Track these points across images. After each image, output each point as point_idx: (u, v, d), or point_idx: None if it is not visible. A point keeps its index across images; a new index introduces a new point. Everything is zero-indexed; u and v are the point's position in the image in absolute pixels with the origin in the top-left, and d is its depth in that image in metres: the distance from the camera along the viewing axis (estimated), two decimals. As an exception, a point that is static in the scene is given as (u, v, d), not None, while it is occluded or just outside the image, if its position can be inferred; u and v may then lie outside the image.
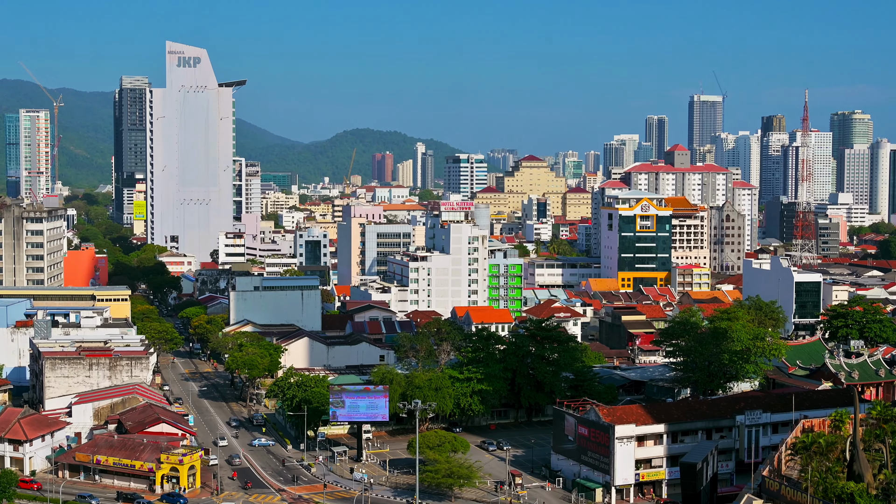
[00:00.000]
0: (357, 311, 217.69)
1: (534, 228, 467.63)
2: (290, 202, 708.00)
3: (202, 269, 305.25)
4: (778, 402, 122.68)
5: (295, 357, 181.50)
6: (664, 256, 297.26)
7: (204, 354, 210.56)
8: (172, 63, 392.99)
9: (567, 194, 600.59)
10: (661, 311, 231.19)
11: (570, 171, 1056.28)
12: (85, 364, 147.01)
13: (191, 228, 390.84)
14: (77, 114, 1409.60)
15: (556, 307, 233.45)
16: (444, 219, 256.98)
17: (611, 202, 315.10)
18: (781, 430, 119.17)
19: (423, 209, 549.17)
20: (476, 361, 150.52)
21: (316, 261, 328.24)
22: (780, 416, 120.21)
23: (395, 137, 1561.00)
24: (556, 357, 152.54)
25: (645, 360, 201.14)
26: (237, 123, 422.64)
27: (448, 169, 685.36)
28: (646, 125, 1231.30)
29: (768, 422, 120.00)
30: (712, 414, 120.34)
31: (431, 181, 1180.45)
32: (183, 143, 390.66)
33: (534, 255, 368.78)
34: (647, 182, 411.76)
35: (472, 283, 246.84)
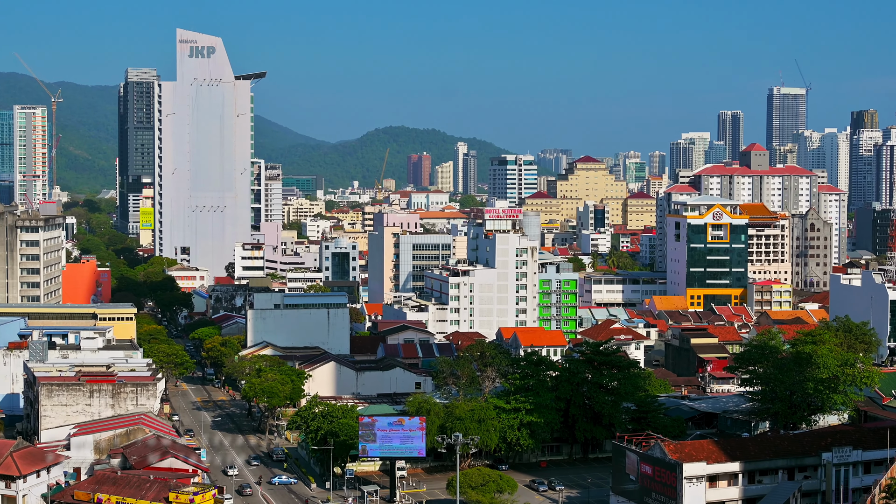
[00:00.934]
0: (390, 332, 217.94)
1: (590, 239, 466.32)
2: (315, 209, 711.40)
3: (216, 284, 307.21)
4: (870, 438, 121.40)
5: (320, 384, 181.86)
6: (739, 271, 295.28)
7: (218, 381, 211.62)
8: (184, 53, 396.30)
9: (628, 200, 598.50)
10: (736, 333, 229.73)
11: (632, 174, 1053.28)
12: (85, 391, 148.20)
13: (204, 239, 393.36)
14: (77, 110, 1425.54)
15: (616, 328, 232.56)
16: (489, 228, 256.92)
17: (678, 209, 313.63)
18: (874, 469, 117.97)
19: (465, 217, 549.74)
20: (525, 390, 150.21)
21: (344, 275, 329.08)
22: (873, 454, 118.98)
23: (433, 136, 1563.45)
24: (616, 385, 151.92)
25: (717, 388, 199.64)
26: (256, 121, 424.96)
27: (493, 172, 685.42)
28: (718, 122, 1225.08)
29: (859, 460, 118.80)
30: (795, 451, 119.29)
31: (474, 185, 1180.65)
32: (195, 142, 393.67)
33: (590, 270, 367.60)
34: (720, 186, 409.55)
35: (520, 300, 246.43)
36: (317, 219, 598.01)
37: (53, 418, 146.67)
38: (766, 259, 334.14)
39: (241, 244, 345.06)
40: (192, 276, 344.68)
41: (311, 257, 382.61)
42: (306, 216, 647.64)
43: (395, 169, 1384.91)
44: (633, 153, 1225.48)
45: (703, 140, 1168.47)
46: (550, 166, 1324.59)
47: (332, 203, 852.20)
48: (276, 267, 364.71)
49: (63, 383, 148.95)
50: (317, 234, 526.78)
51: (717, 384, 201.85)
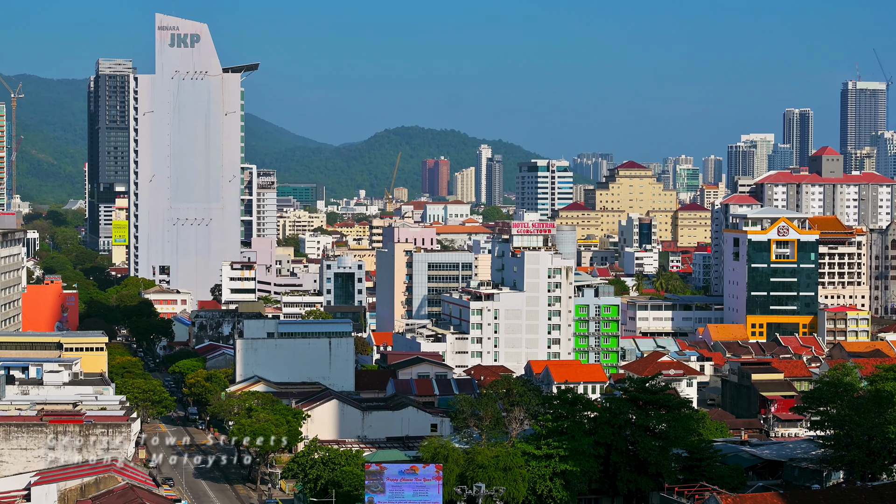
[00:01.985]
0: (402, 365, 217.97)
1: (634, 257, 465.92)
2: (316, 222, 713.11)
3: (200, 309, 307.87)
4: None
5: (320, 426, 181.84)
6: (808, 295, 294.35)
7: (202, 421, 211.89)
8: (164, 42, 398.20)
9: (679, 212, 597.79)
10: (805, 367, 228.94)
11: (684, 183, 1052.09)
12: (48, 433, 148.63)
13: (186, 257, 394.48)
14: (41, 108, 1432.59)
15: (665, 362, 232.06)
16: (517, 245, 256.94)
17: (737, 223, 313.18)
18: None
19: (489, 232, 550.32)
20: (558, 433, 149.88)
21: (348, 299, 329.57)
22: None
23: (452, 138, 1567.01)
24: (665, 428, 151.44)
25: (783, 432, 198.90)
26: (247, 120, 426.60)
27: (521, 179, 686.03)
28: (784, 121, 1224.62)
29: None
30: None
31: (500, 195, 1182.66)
32: (177, 145, 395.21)
33: (634, 294, 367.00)
34: (786, 197, 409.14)
35: (552, 329, 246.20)
36: (317, 233, 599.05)
37: (12, 464, 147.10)
38: (841, 281, 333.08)
39: (229, 263, 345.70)
40: (172, 300, 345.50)
41: (311, 278, 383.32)
42: (305, 230, 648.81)
43: (407, 176, 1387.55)
44: (685, 158, 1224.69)
45: (766, 143, 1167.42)
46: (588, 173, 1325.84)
47: (334, 215, 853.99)
48: (269, 289, 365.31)
49: (23, 424, 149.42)
50: (317, 252, 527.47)
51: (783, 427, 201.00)
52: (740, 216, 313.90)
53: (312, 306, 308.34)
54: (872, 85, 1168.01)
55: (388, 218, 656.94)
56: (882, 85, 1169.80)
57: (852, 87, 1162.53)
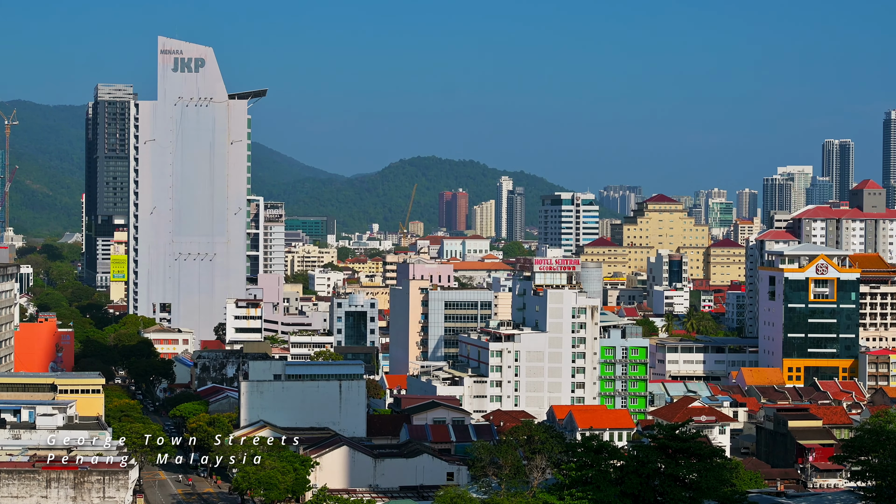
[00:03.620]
0: (416, 410, 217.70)
1: (664, 297, 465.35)
2: (326, 258, 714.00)
3: (203, 349, 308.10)
4: None
5: (330, 474, 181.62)
6: (849, 337, 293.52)
7: (204, 468, 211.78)
8: (166, 66, 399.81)
9: (711, 249, 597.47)
10: (845, 414, 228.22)
11: (716, 217, 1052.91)
12: (41, 480, 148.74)
13: (188, 294, 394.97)
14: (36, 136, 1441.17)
15: (696, 407, 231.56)
16: (539, 283, 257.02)
17: (773, 260, 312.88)
18: None
19: (510, 269, 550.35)
20: (582, 483, 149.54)
21: (360, 340, 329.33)
22: None
23: (471, 169, 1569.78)
24: (696, 478, 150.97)
25: (821, 483, 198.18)
26: (254, 149, 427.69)
27: (544, 213, 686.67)
28: (823, 153, 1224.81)
29: None
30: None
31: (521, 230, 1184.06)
32: (179, 175, 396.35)
33: (664, 335, 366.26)
34: (825, 232, 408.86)
35: (577, 372, 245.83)
36: (327, 270, 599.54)
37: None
38: (883, 323, 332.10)
39: (233, 301, 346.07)
40: (173, 340, 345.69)
41: (320, 317, 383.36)
42: (314, 266, 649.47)
43: (423, 209, 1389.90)
44: (718, 191, 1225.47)
45: (803, 175, 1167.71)
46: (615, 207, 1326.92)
47: (345, 251, 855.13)
48: (276, 329, 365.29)
49: (14, 470, 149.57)
50: (327, 289, 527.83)
51: (822, 477, 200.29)
52: (776, 253, 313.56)
53: (322, 347, 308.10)
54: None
55: (403, 253, 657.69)
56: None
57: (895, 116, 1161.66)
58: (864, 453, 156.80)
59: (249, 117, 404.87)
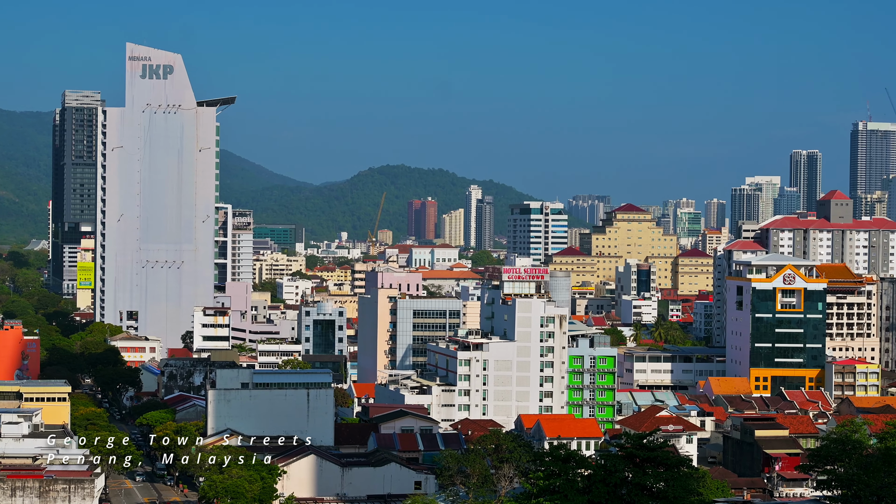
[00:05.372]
0: (384, 418, 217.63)
1: (632, 306, 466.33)
2: (294, 266, 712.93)
3: (170, 357, 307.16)
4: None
5: (297, 482, 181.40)
6: (815, 347, 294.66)
7: (171, 477, 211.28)
8: (134, 73, 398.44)
9: (679, 258, 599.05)
10: (811, 424, 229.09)
11: (685, 227, 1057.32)
12: (6, 488, 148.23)
13: (155, 302, 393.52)
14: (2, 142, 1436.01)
15: (663, 417, 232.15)
16: (507, 292, 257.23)
17: (741, 270, 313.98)
18: None
19: (478, 278, 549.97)
20: (550, 492, 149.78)
21: (328, 348, 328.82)
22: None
23: (440, 178, 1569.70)
24: (663, 487, 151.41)
25: (788, 492, 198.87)
26: (223, 157, 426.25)
27: (513, 222, 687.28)
28: (790, 164, 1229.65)
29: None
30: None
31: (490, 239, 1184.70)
32: (147, 182, 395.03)
33: (632, 344, 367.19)
34: (793, 243, 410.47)
35: (545, 381, 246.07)
36: (295, 278, 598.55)
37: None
38: (849, 333, 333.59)
39: (201, 309, 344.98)
40: (140, 348, 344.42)
41: (288, 325, 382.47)
42: (283, 275, 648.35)
43: (392, 217, 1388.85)
44: (686, 201, 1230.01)
45: (771, 186, 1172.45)
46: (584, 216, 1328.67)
47: (314, 259, 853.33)
48: (244, 337, 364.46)
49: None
50: (295, 298, 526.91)
51: (788, 486, 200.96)
52: (744, 263, 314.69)
53: (290, 355, 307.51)
54: (884, 126, 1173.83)
55: (372, 262, 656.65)
56: (894, 126, 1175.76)
57: (863, 127, 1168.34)
58: (829, 462, 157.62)
59: (218, 124, 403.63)
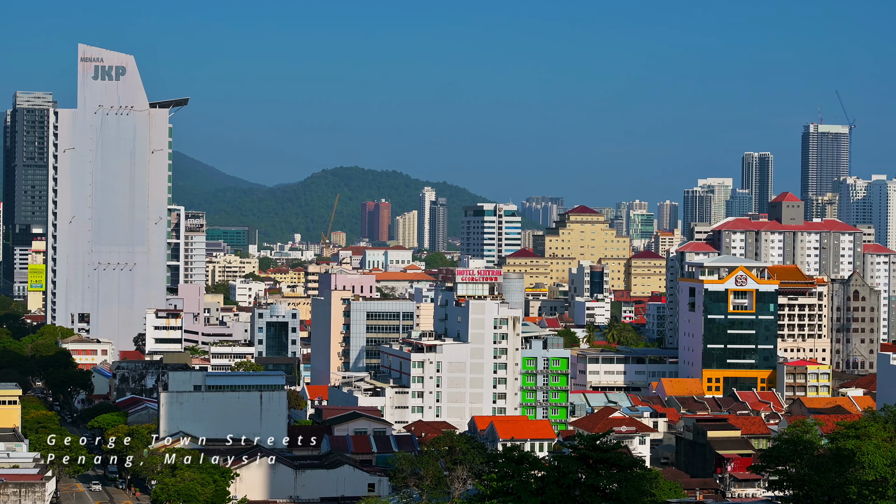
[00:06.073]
0: (338, 420, 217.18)
1: (585, 307, 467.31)
2: (247, 268, 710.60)
3: (122, 360, 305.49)
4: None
5: (250, 485, 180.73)
6: (767, 349, 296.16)
7: (122, 480, 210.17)
8: (87, 74, 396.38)
9: (632, 260, 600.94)
10: (763, 424, 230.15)
11: (637, 229, 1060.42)
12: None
13: (107, 304, 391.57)
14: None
15: (616, 418, 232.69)
16: (461, 293, 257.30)
17: (693, 272, 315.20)
18: None
19: (432, 280, 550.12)
20: (503, 493, 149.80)
21: (281, 350, 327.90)
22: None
23: (393, 180, 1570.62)
24: (616, 489, 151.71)
25: (740, 492, 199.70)
26: (175, 158, 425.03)
27: (467, 224, 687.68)
28: (742, 165, 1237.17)
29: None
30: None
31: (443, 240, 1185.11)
32: (99, 184, 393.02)
33: (585, 346, 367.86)
34: (744, 244, 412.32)
35: (498, 383, 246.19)
36: (248, 280, 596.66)
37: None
38: (801, 334, 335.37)
39: (153, 311, 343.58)
40: (92, 350, 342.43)
41: (241, 328, 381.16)
42: (235, 276, 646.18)
43: (346, 219, 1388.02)
44: (639, 203, 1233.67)
45: (723, 188, 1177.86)
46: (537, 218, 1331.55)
47: (267, 261, 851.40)
48: (197, 339, 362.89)
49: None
50: (248, 300, 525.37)
51: (740, 487, 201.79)
52: (696, 265, 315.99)
53: (243, 357, 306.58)
54: (835, 128, 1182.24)
55: (325, 264, 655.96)
56: (845, 128, 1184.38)
57: (814, 130, 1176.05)
58: (781, 463, 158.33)
59: (171, 126, 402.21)
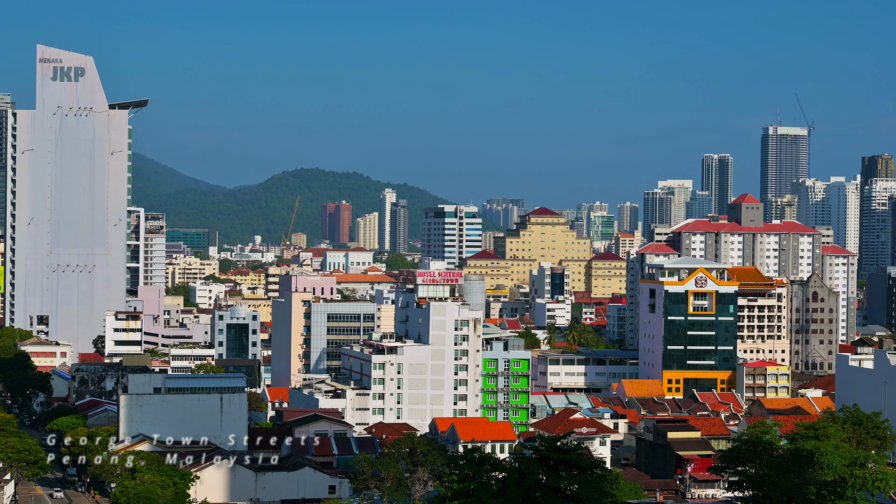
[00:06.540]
0: (298, 423, 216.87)
1: (546, 309, 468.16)
2: (207, 270, 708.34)
3: (82, 362, 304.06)
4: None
5: (210, 488, 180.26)
6: (727, 350, 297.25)
7: (81, 483, 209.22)
8: (45, 75, 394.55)
9: (593, 262, 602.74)
10: (723, 425, 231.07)
11: (598, 230, 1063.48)
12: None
13: (67, 306, 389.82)
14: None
15: (577, 419, 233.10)
16: (422, 295, 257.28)
17: (653, 273, 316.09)
18: None
19: (393, 281, 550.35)
20: (464, 495, 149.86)
21: (241, 352, 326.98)
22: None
23: (354, 181, 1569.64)
24: (577, 490, 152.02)
25: (700, 493, 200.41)
26: (135, 160, 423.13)
27: (427, 225, 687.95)
28: (702, 167, 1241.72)
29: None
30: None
31: (404, 242, 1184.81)
32: (58, 186, 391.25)
33: (546, 347, 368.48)
34: (704, 246, 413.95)
35: (459, 384, 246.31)
36: (209, 282, 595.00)
37: None
38: (760, 335, 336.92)
39: (113, 313, 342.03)
40: (51, 353, 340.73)
41: (201, 330, 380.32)
42: (196, 278, 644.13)
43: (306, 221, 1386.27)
44: (600, 205, 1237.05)
45: (683, 189, 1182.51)
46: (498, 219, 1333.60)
47: (227, 262, 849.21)
48: (156, 341, 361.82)
49: None
50: (208, 301, 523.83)
51: (700, 488, 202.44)
52: (656, 266, 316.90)
53: (203, 360, 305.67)
54: (794, 130, 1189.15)
55: (286, 266, 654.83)
56: (804, 130, 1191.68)
57: (773, 132, 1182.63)
58: (741, 464, 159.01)
59: (130, 127, 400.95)
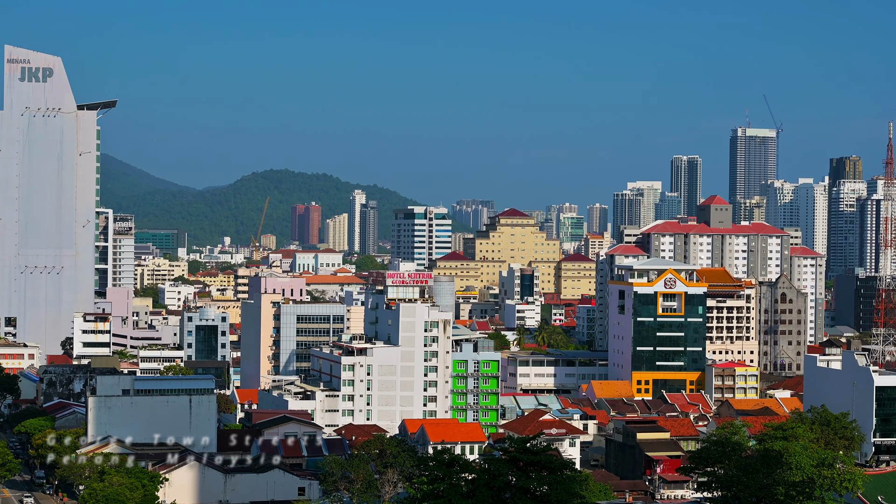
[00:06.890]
0: (268, 424, 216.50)
1: (516, 310, 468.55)
2: (176, 271, 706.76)
3: (49, 364, 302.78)
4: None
5: (179, 490, 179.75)
6: (696, 351, 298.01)
7: (49, 485, 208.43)
8: (13, 75, 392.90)
9: (562, 263, 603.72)
10: (692, 426, 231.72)
11: (567, 232, 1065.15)
12: None
13: (34, 307, 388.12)
14: None
15: (546, 420, 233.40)
16: (392, 296, 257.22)
17: (622, 275, 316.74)
18: None
19: (362, 283, 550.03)
20: (434, 496, 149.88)
21: (211, 354, 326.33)
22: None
23: (324, 182, 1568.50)
24: (546, 491, 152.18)
25: (669, 494, 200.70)
26: (104, 161, 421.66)
27: (397, 227, 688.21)
28: (671, 169, 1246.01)
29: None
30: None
31: (374, 244, 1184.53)
32: (26, 186, 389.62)
33: (515, 348, 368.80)
34: (673, 247, 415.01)
35: (429, 385, 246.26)
36: (178, 283, 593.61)
37: None
38: (729, 336, 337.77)
39: (81, 315, 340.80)
40: (18, 355, 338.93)
41: (170, 331, 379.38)
42: (165, 280, 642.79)
43: (276, 222, 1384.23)
44: (569, 206, 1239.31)
45: (652, 191, 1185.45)
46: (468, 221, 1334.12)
47: (196, 264, 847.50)
48: (125, 343, 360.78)
49: None
50: (177, 303, 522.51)
51: (669, 488, 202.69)
52: (626, 267, 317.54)
53: (172, 361, 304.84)
54: (762, 132, 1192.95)
55: (255, 267, 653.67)
56: (772, 132, 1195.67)
57: (742, 133, 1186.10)
58: (710, 464, 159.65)
59: (99, 128, 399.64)
